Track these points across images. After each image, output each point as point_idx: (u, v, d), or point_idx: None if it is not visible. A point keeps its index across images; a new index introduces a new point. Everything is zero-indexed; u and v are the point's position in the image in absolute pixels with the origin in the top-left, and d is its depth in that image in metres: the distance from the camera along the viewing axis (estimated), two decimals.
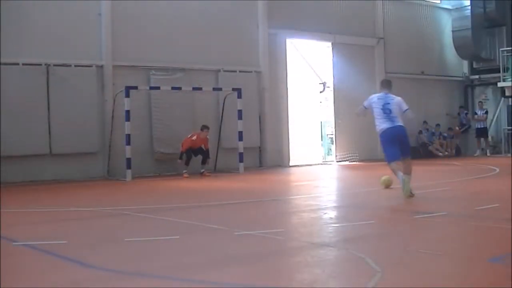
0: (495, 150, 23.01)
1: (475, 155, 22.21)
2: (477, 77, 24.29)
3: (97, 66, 15.57)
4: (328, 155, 20.84)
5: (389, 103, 9.87)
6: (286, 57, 19.10)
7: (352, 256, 5.38)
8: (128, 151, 14.65)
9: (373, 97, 10.16)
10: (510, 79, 21.56)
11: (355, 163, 19.45)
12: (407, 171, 9.59)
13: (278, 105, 18.77)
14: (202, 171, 15.66)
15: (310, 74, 20.49)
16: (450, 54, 23.91)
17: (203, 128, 15.69)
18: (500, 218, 7.50)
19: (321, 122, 21.08)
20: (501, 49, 22.56)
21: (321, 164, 19.82)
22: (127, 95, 14.67)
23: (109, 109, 15.60)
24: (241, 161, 16.37)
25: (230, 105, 16.93)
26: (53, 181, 14.48)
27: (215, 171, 16.78)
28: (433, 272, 4.72)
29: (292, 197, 11.29)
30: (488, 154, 22.17)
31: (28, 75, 14.56)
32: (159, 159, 16.15)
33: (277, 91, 18.76)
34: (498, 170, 15.02)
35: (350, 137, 20.06)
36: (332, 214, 8.63)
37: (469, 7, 23.01)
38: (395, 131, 9.72)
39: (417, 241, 6.17)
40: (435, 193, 10.49)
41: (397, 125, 9.74)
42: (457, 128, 23.29)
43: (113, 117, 15.51)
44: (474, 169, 15.88)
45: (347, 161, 19.83)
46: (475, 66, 24.28)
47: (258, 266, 5.16)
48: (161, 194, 12.10)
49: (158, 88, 15.81)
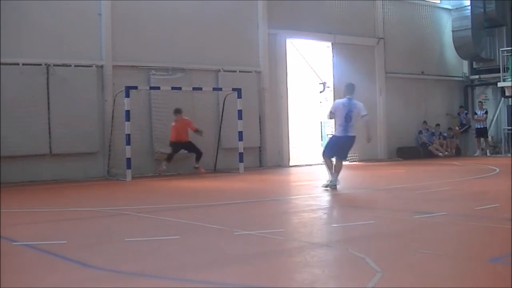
0: (495, 150, 23.01)
1: (475, 155, 22.22)
2: (477, 77, 24.28)
3: (97, 66, 15.56)
4: None
5: (352, 110, 10.88)
6: (286, 57, 19.10)
7: (352, 256, 5.38)
8: (128, 151, 14.64)
9: (338, 103, 11.25)
10: (510, 79, 21.56)
11: (355, 163, 19.44)
12: (338, 170, 11.03)
13: (278, 105, 18.77)
14: (196, 166, 15.71)
15: (310, 74, 20.49)
16: (450, 54, 23.90)
17: (175, 112, 15.53)
18: (500, 218, 7.50)
19: (321, 122, 21.08)
20: (501, 49, 22.55)
21: (321, 164, 19.76)
22: (127, 95, 14.67)
23: (109, 109, 15.59)
24: (241, 161, 16.36)
25: (230, 105, 16.92)
26: (53, 181, 14.48)
27: (215, 171, 16.78)
28: (433, 272, 4.72)
29: (292, 197, 11.29)
30: (488, 154, 22.18)
31: (28, 75, 14.55)
32: (159, 159, 16.13)
33: (277, 91, 18.76)
34: (498, 170, 15.03)
35: None
36: (332, 214, 8.63)
37: (469, 7, 22.99)
38: (344, 140, 11.02)
39: (417, 241, 6.17)
40: (435, 193, 10.49)
41: (349, 135, 10.94)
42: (457, 128, 23.30)
43: (113, 117, 15.50)
44: (474, 169, 15.89)
45: (347, 161, 19.78)
46: (475, 66, 24.27)
47: (258, 266, 5.16)
48: (161, 194, 12.10)
49: (158, 88, 15.80)
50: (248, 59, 18.21)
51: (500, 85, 22.05)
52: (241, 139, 16.32)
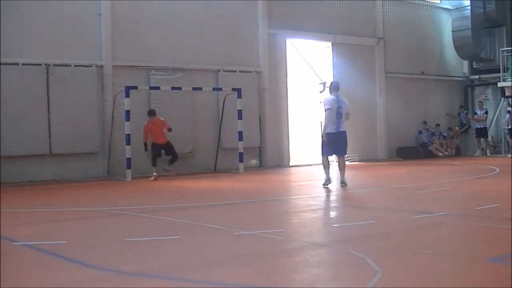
0: (495, 150, 23.00)
1: (475, 155, 22.21)
2: (477, 77, 24.28)
3: (97, 66, 15.57)
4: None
5: (341, 106, 11.27)
6: (286, 57, 19.10)
7: (352, 256, 5.38)
8: (128, 151, 14.65)
9: (330, 100, 11.44)
10: (510, 79, 21.56)
11: (355, 163, 19.44)
12: (341, 167, 11.53)
13: (278, 105, 18.77)
14: (167, 168, 15.30)
15: (310, 74, 20.46)
16: (450, 54, 23.90)
17: (148, 114, 15.20)
18: (500, 218, 7.50)
19: (321, 122, 20.99)
20: (501, 49, 22.55)
21: (321, 164, 19.75)
22: (127, 95, 14.67)
23: (109, 109, 15.59)
24: (241, 161, 16.36)
25: (230, 105, 16.92)
26: (53, 181, 14.48)
27: (215, 171, 16.78)
28: (433, 272, 4.72)
29: (292, 197, 11.28)
30: (488, 154, 22.17)
31: (28, 75, 14.55)
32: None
33: (277, 91, 18.76)
34: (498, 170, 15.03)
35: (350, 137, 19.80)
36: (332, 214, 8.63)
37: (469, 7, 22.99)
38: (339, 136, 11.39)
39: (417, 241, 6.17)
40: (435, 193, 10.49)
41: (341, 130, 11.36)
42: (457, 128, 23.30)
43: (113, 117, 15.50)
44: (474, 169, 15.89)
45: (347, 161, 19.76)
46: (475, 66, 24.26)
47: (258, 266, 5.16)
48: (161, 194, 12.09)
49: (158, 88, 15.79)
50: (248, 59, 18.21)
51: (500, 85, 22.05)
52: (241, 139, 16.32)
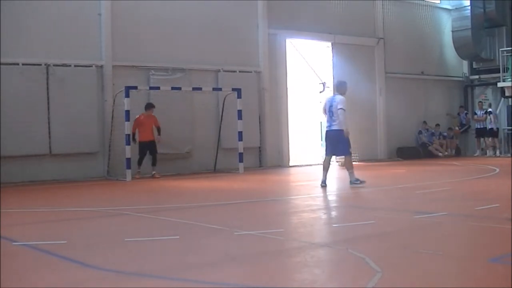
0: (495, 150, 22.97)
1: (475, 155, 22.21)
2: (477, 77, 24.29)
3: (97, 66, 15.57)
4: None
5: (332, 105, 11.40)
6: (286, 57, 19.10)
7: (352, 256, 5.37)
8: (128, 151, 14.64)
9: (325, 99, 11.96)
10: (510, 79, 21.56)
11: (355, 163, 19.36)
12: (347, 167, 11.62)
13: (278, 105, 18.77)
14: (153, 173, 15.19)
15: (310, 74, 20.48)
16: (450, 54, 23.91)
17: (147, 107, 15.23)
18: (500, 218, 7.50)
19: (321, 122, 21.05)
20: (501, 49, 22.56)
21: (321, 164, 19.76)
22: (127, 95, 14.66)
23: (109, 109, 15.59)
24: (241, 161, 16.36)
25: (230, 105, 16.92)
26: (53, 181, 14.48)
27: (215, 171, 16.78)
28: (433, 272, 4.72)
29: (292, 197, 11.29)
30: (487, 154, 22.15)
31: (28, 75, 14.55)
32: (158, 159, 16.10)
33: (277, 91, 18.76)
34: (498, 170, 15.03)
35: (349, 137, 20.01)
36: (332, 214, 8.63)
37: (469, 7, 23.00)
38: (329, 134, 11.62)
39: (417, 241, 6.17)
40: (435, 193, 10.49)
41: (332, 129, 11.47)
42: (457, 128, 23.30)
43: (113, 117, 15.50)
44: (474, 169, 15.89)
45: None
46: (475, 66, 24.27)
47: (258, 266, 5.16)
48: (161, 194, 12.09)
49: (157, 88, 15.79)
50: (248, 59, 18.21)
51: (500, 85, 22.07)
52: (240, 139, 16.32)
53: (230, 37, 17.78)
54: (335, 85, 12.08)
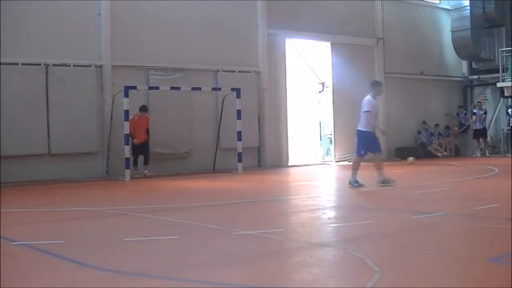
0: (494, 150, 23.01)
1: (474, 156, 22.21)
2: (476, 77, 24.28)
3: (96, 66, 15.56)
4: (327, 155, 20.84)
5: (362, 105, 11.45)
6: (285, 57, 19.09)
7: (351, 256, 5.38)
8: (127, 151, 14.63)
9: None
10: (509, 80, 21.56)
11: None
12: (376, 167, 11.55)
13: (277, 105, 18.76)
14: (145, 172, 15.15)
15: (309, 74, 20.47)
16: (449, 54, 23.91)
17: (141, 109, 15.29)
18: (500, 218, 7.50)
19: (320, 122, 21.06)
20: (500, 50, 22.55)
21: (320, 164, 19.81)
22: (126, 95, 14.65)
23: (108, 109, 15.58)
24: (240, 161, 16.35)
25: (229, 105, 16.91)
26: (52, 181, 14.46)
27: (214, 171, 16.78)
28: (432, 272, 4.72)
29: (291, 197, 11.28)
30: (487, 154, 22.17)
31: (27, 75, 14.54)
32: (157, 159, 16.11)
33: (276, 91, 18.76)
34: (497, 170, 15.04)
35: (349, 137, 19.93)
36: (331, 214, 8.63)
37: (469, 7, 23.00)
38: (356, 134, 11.62)
39: (417, 241, 6.17)
40: (435, 193, 10.49)
41: (357, 129, 11.53)
42: (456, 128, 23.29)
43: (112, 117, 15.49)
44: (473, 169, 15.89)
45: (346, 161, 19.81)
46: (474, 66, 24.26)
47: (257, 266, 5.16)
48: (160, 194, 12.09)
49: (157, 88, 15.78)
50: (247, 59, 18.20)
51: (499, 85, 22.05)
52: (240, 139, 16.31)
53: (229, 37, 17.77)
54: (369, 85, 12.00)
